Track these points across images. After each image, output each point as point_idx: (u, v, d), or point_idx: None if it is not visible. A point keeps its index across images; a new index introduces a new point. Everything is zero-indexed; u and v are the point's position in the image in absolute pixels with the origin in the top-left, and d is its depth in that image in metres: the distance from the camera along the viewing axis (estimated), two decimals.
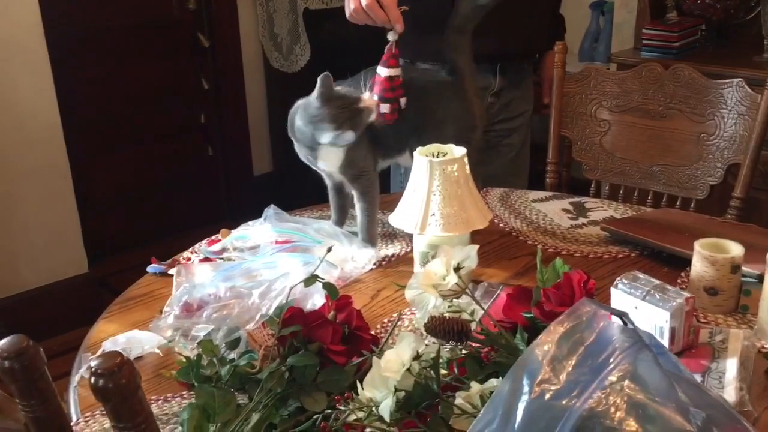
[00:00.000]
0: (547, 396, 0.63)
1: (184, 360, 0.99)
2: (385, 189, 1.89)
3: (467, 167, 1.23)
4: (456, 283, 0.85)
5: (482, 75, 1.81)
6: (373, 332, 1.06)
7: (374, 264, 1.35)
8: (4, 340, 0.55)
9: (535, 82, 2.00)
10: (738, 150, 1.64)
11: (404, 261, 1.38)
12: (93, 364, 0.52)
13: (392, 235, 1.48)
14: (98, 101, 3.08)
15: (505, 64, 1.83)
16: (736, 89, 1.64)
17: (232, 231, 1.43)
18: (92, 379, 0.51)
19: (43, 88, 2.56)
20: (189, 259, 1.38)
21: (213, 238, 1.45)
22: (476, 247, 0.92)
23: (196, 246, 1.44)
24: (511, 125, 1.92)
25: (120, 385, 0.50)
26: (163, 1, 3.24)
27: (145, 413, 0.53)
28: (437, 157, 1.23)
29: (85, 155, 2.99)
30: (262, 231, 1.34)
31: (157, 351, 1.08)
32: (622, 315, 0.71)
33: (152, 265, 1.37)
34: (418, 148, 1.25)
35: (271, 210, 1.41)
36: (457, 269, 0.87)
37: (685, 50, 2.64)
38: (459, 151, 1.24)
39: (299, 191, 1.94)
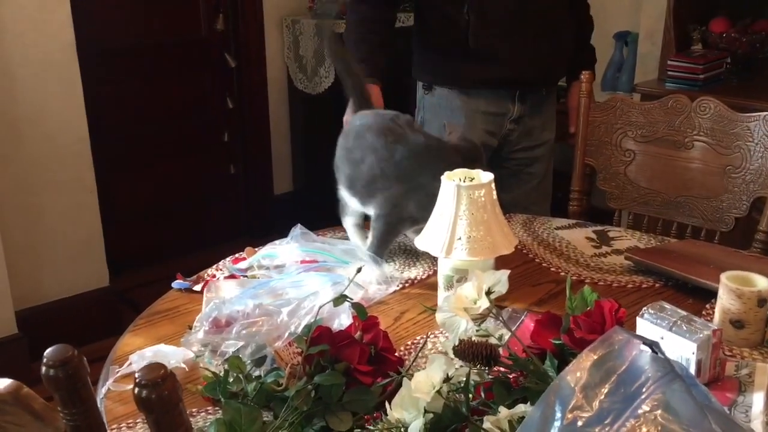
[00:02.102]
0: (580, 423, 0.63)
1: (210, 375, 1.00)
2: None
3: (494, 192, 1.24)
4: (487, 308, 0.86)
5: (499, 101, 1.84)
6: (396, 354, 1.07)
7: (384, 284, 1.35)
8: (50, 349, 0.57)
9: (559, 111, 2.02)
10: (764, 183, 1.63)
11: (427, 284, 1.39)
12: (137, 374, 0.53)
13: (415, 258, 1.49)
14: (125, 117, 3.13)
15: (523, 91, 1.85)
16: (763, 123, 1.64)
17: (259, 249, 1.44)
18: (136, 390, 0.52)
19: (74, 103, 2.60)
20: (214, 276, 1.39)
21: (237, 255, 1.47)
22: (507, 272, 0.93)
23: (221, 263, 1.46)
24: (533, 154, 1.93)
25: (163, 397, 0.51)
26: (192, 21, 3.30)
27: (185, 426, 0.54)
28: (464, 181, 1.24)
29: (110, 170, 3.03)
30: (288, 250, 1.35)
31: (183, 366, 1.09)
32: (653, 345, 0.71)
33: (177, 280, 1.38)
34: (446, 173, 1.26)
35: (297, 229, 1.42)
36: (488, 293, 0.88)
37: (710, 83, 2.64)
38: (486, 176, 1.25)
39: (318, 211, 1.95)
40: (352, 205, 1.48)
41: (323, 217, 1.73)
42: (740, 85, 2.68)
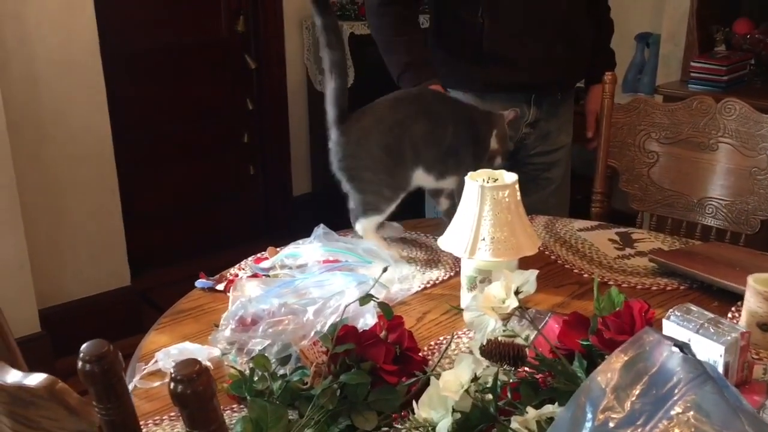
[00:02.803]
0: (611, 424, 0.63)
1: (236, 373, 1.00)
2: (419, 213, 1.90)
3: (518, 193, 1.24)
4: (516, 307, 0.86)
5: (515, 104, 1.81)
6: (420, 354, 1.07)
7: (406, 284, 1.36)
8: (86, 344, 0.57)
9: (577, 112, 2.00)
10: None
11: (449, 285, 1.39)
12: (172, 370, 0.54)
13: (436, 259, 1.49)
14: (147, 118, 3.16)
15: (539, 95, 1.83)
16: None
17: (281, 249, 1.45)
18: (171, 385, 0.52)
19: (97, 104, 2.63)
20: (236, 275, 1.40)
21: (259, 255, 1.47)
22: (536, 272, 0.92)
23: (243, 262, 1.47)
24: (550, 158, 1.92)
25: (198, 392, 0.51)
26: (213, 23, 3.32)
27: (219, 421, 0.54)
28: (488, 182, 1.24)
29: (132, 170, 3.06)
30: (311, 249, 1.36)
31: (208, 363, 1.09)
32: (683, 346, 0.71)
33: (200, 279, 1.39)
34: (470, 173, 1.26)
35: (320, 229, 1.43)
36: (516, 293, 0.87)
37: (734, 84, 2.62)
38: (510, 177, 1.25)
39: (337, 212, 1.95)
40: (427, 185, 1.53)
41: (342, 218, 1.73)
42: (764, 87, 2.65)
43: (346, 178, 1.48)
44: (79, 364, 0.57)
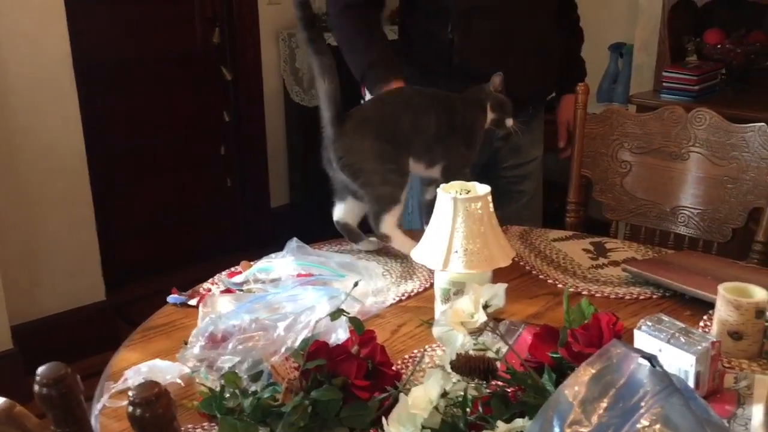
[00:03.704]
0: None
1: (206, 391, 0.99)
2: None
3: (491, 205, 1.24)
4: (484, 322, 0.85)
5: None
6: (394, 368, 1.06)
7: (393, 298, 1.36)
8: (43, 367, 0.56)
9: (549, 121, 2.00)
10: (760, 194, 1.63)
11: (424, 297, 1.38)
12: (130, 393, 0.53)
13: (411, 271, 1.49)
14: (121, 130, 3.14)
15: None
16: (759, 134, 1.65)
17: (254, 263, 1.44)
18: (129, 408, 0.51)
19: (70, 118, 2.60)
20: (209, 290, 1.39)
21: (233, 269, 1.46)
22: (505, 285, 0.92)
23: (216, 277, 1.45)
24: (522, 171, 1.92)
25: (157, 415, 0.50)
26: (188, 35, 3.31)
27: None
28: (461, 194, 1.24)
29: (107, 183, 3.03)
30: (284, 263, 1.35)
31: (179, 381, 1.08)
32: (651, 358, 0.71)
33: (172, 295, 1.37)
34: (442, 185, 1.26)
35: (293, 243, 1.42)
36: (485, 307, 0.87)
37: (705, 94, 2.65)
38: (483, 188, 1.25)
39: (315, 224, 1.95)
40: (421, 173, 1.55)
41: (320, 229, 1.72)
42: (735, 97, 2.69)
43: (352, 174, 1.48)
44: (36, 387, 0.55)
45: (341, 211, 1.56)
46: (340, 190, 1.55)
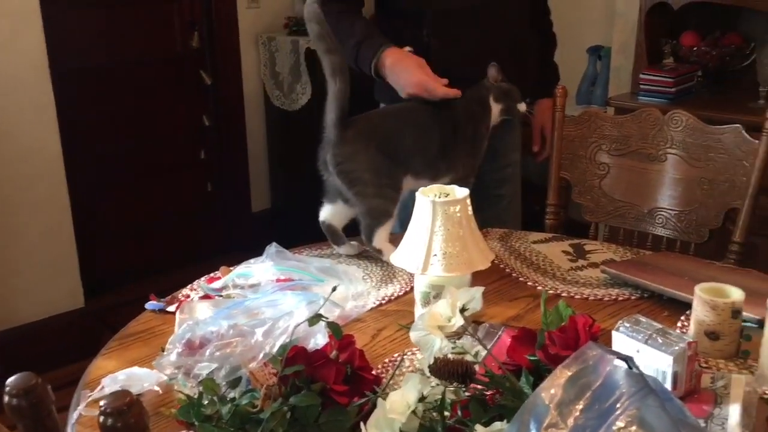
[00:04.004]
0: None
1: (184, 398, 0.98)
2: None
3: (469, 208, 1.24)
4: (462, 326, 0.85)
5: None
6: (374, 372, 1.06)
7: (375, 302, 1.35)
8: (13, 378, 0.55)
9: (525, 124, 2.00)
10: (736, 195, 1.65)
11: (404, 301, 1.38)
12: (102, 402, 0.52)
13: (392, 275, 1.48)
14: (100, 136, 3.11)
15: None
16: (734, 135, 1.67)
17: (234, 268, 1.43)
18: (101, 418, 0.50)
19: (47, 122, 2.58)
20: (188, 296, 1.38)
21: (212, 275, 1.45)
22: (481, 289, 0.92)
23: (195, 283, 1.44)
24: (500, 175, 1.92)
25: (129, 425, 0.50)
26: (167, 39, 3.29)
27: None
28: (440, 197, 1.24)
29: (86, 188, 3.00)
30: (263, 268, 1.34)
31: (157, 389, 1.07)
32: (627, 359, 0.71)
33: (151, 301, 1.36)
34: (421, 189, 1.26)
35: (272, 248, 1.41)
36: (462, 311, 0.87)
37: (682, 96, 2.68)
38: (461, 192, 1.25)
39: (297, 228, 1.94)
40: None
41: (302, 234, 1.71)
42: (711, 98, 2.72)
43: (348, 181, 1.48)
44: (6, 398, 0.54)
45: (329, 213, 1.56)
46: (331, 192, 1.55)
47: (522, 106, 1.65)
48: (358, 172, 1.48)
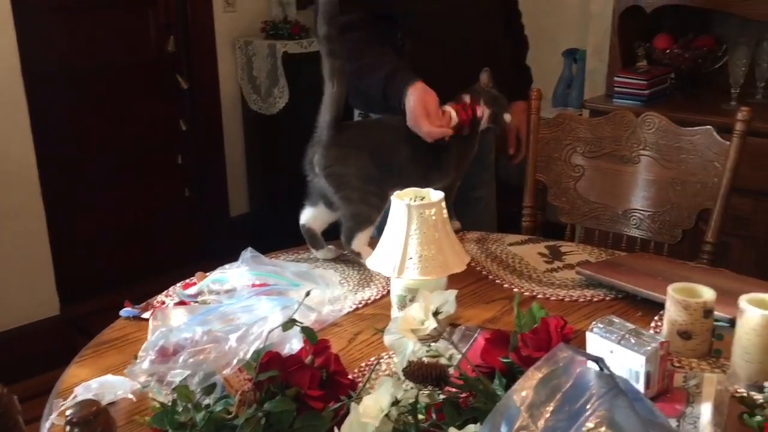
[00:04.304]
0: None
1: (159, 406, 0.97)
2: None
3: (445, 211, 1.25)
4: (435, 329, 0.85)
5: None
6: (350, 376, 1.06)
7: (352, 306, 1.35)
8: None
9: None
10: (708, 195, 1.67)
11: (381, 305, 1.38)
12: (68, 412, 0.51)
13: (369, 279, 1.48)
14: (75, 141, 3.08)
15: None
16: (706, 136, 1.69)
17: (209, 274, 1.42)
18: (67, 428, 0.50)
19: (19, 128, 2.55)
20: (163, 303, 1.37)
21: (188, 281, 1.44)
22: (455, 292, 0.92)
23: (171, 289, 1.43)
24: (476, 179, 1.93)
25: None
26: (142, 43, 3.27)
27: None
28: (415, 201, 1.24)
29: (61, 194, 2.97)
30: (239, 274, 1.33)
31: (131, 396, 1.06)
32: (598, 360, 0.72)
33: (125, 308, 1.35)
34: (396, 192, 1.26)
35: (248, 252, 1.41)
36: (435, 314, 0.87)
37: (656, 98, 2.71)
38: (436, 195, 1.26)
39: (276, 232, 1.93)
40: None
41: (281, 238, 1.71)
42: (685, 100, 2.75)
43: (335, 185, 1.49)
44: None
45: (309, 216, 1.56)
46: (314, 195, 1.55)
47: (508, 117, 1.66)
48: (347, 177, 1.48)
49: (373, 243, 1.35)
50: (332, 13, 1.44)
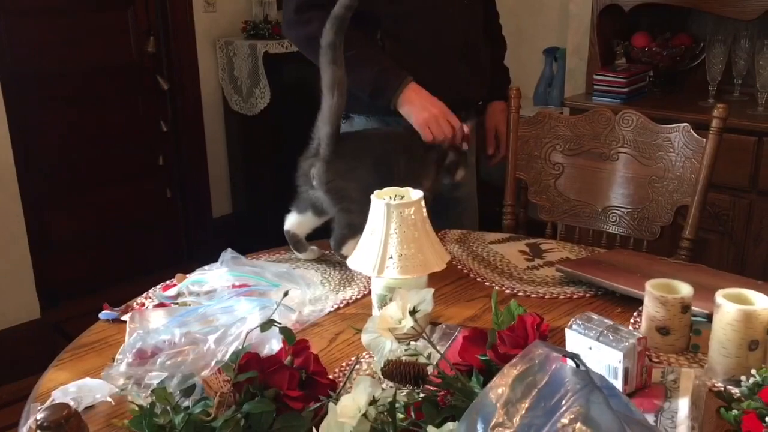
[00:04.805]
0: None
1: (137, 409, 0.97)
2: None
3: (424, 210, 1.25)
4: (412, 327, 0.86)
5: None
6: (331, 377, 1.06)
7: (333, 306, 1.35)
8: None
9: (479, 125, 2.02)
10: (686, 192, 1.69)
11: (362, 304, 1.38)
12: (39, 416, 0.51)
13: (350, 278, 1.48)
14: (56, 143, 3.05)
15: None
16: (683, 133, 1.70)
17: (189, 275, 1.42)
18: None
19: None
20: (143, 305, 1.36)
21: (168, 282, 1.43)
22: (432, 290, 0.93)
23: (150, 291, 1.42)
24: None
25: None
26: (122, 44, 3.24)
27: None
28: (394, 200, 1.24)
29: (42, 198, 2.94)
30: (218, 275, 1.33)
31: (109, 400, 1.05)
32: (574, 357, 0.72)
33: (104, 311, 1.34)
34: (375, 191, 1.26)
35: (228, 254, 1.40)
36: (412, 313, 0.87)
37: (635, 95, 2.73)
38: (416, 194, 1.26)
39: (259, 233, 1.93)
40: None
41: (264, 238, 1.70)
42: (663, 98, 2.78)
43: (335, 198, 1.47)
44: None
45: (295, 223, 1.55)
46: (304, 203, 1.54)
47: (461, 173, 1.67)
48: (349, 190, 1.47)
49: None
50: (341, 24, 1.42)
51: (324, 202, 1.49)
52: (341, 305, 1.38)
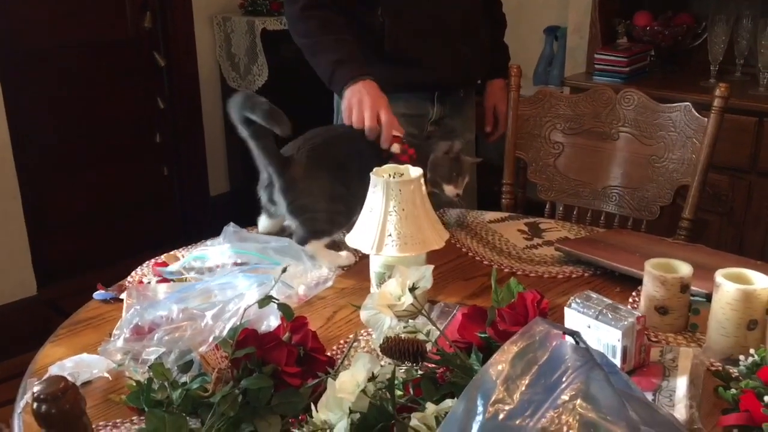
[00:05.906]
0: (501, 416, 0.63)
1: (135, 384, 0.96)
2: None
3: (423, 188, 1.24)
4: (411, 304, 0.85)
5: (419, 103, 1.81)
6: (329, 353, 1.06)
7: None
8: None
9: (478, 103, 2.01)
10: (686, 172, 1.68)
11: (361, 281, 1.38)
12: (36, 389, 0.50)
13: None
14: (51, 120, 3.03)
15: (443, 93, 1.82)
16: (684, 113, 1.69)
17: (181, 255, 1.40)
18: (35, 405, 0.49)
19: None
20: (141, 282, 1.35)
21: (156, 260, 1.42)
22: (431, 267, 0.92)
23: (139, 269, 1.41)
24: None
25: (64, 411, 0.48)
26: (118, 20, 3.21)
27: None
28: (394, 177, 1.24)
29: (38, 175, 2.92)
30: (220, 251, 1.32)
31: (107, 375, 1.05)
32: (574, 334, 0.72)
33: (98, 291, 1.33)
34: (375, 169, 1.25)
35: (230, 227, 1.39)
36: (412, 289, 0.87)
37: (636, 75, 2.71)
38: (415, 171, 1.25)
39: (256, 211, 1.91)
40: None
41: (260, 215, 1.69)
42: (664, 77, 2.76)
43: (299, 214, 1.43)
44: None
45: (269, 226, 1.53)
46: (271, 211, 1.52)
47: (450, 189, 1.51)
48: (312, 203, 1.43)
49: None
50: (242, 106, 1.47)
51: (288, 219, 1.46)
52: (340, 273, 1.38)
